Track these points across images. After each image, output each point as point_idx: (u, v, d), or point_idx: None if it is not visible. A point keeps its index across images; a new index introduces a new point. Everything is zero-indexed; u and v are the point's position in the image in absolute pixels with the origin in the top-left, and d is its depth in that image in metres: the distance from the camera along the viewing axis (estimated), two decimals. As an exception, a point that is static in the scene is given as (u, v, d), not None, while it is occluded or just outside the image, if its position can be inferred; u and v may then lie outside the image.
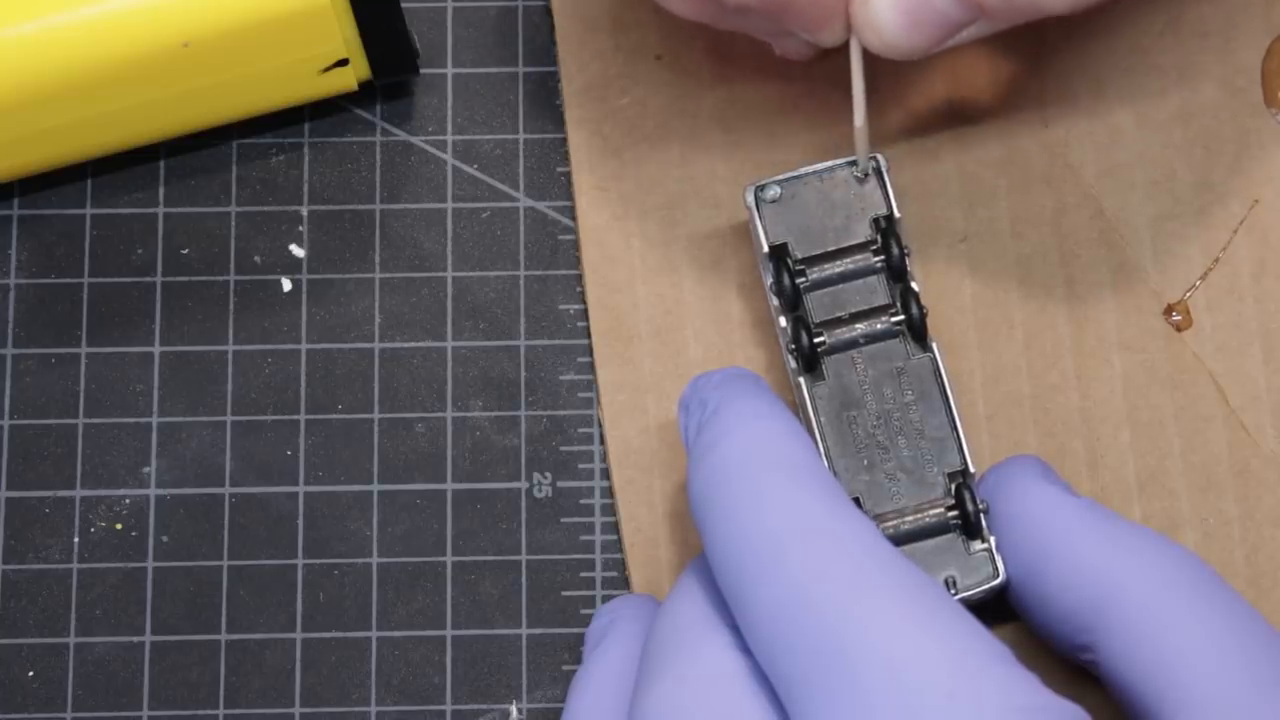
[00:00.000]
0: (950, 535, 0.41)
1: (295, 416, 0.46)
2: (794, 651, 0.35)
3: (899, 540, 0.41)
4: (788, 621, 0.35)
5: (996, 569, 0.41)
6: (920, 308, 0.42)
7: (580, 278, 0.47)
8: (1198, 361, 0.45)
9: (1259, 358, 0.45)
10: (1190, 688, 0.37)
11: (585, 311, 0.46)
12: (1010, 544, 0.41)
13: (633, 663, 0.40)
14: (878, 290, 0.43)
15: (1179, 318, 0.45)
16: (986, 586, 0.41)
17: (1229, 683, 0.37)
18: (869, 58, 0.42)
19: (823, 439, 0.42)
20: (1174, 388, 0.45)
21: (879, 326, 0.43)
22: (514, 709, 0.44)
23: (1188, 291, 0.46)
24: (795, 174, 0.43)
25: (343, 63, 0.45)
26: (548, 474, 0.46)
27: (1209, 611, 0.38)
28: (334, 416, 0.46)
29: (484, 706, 0.44)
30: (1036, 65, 0.47)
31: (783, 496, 0.37)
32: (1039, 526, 0.41)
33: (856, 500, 0.41)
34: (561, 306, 0.47)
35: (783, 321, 0.43)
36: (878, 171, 0.43)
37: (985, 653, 0.34)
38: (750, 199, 0.43)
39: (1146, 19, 0.47)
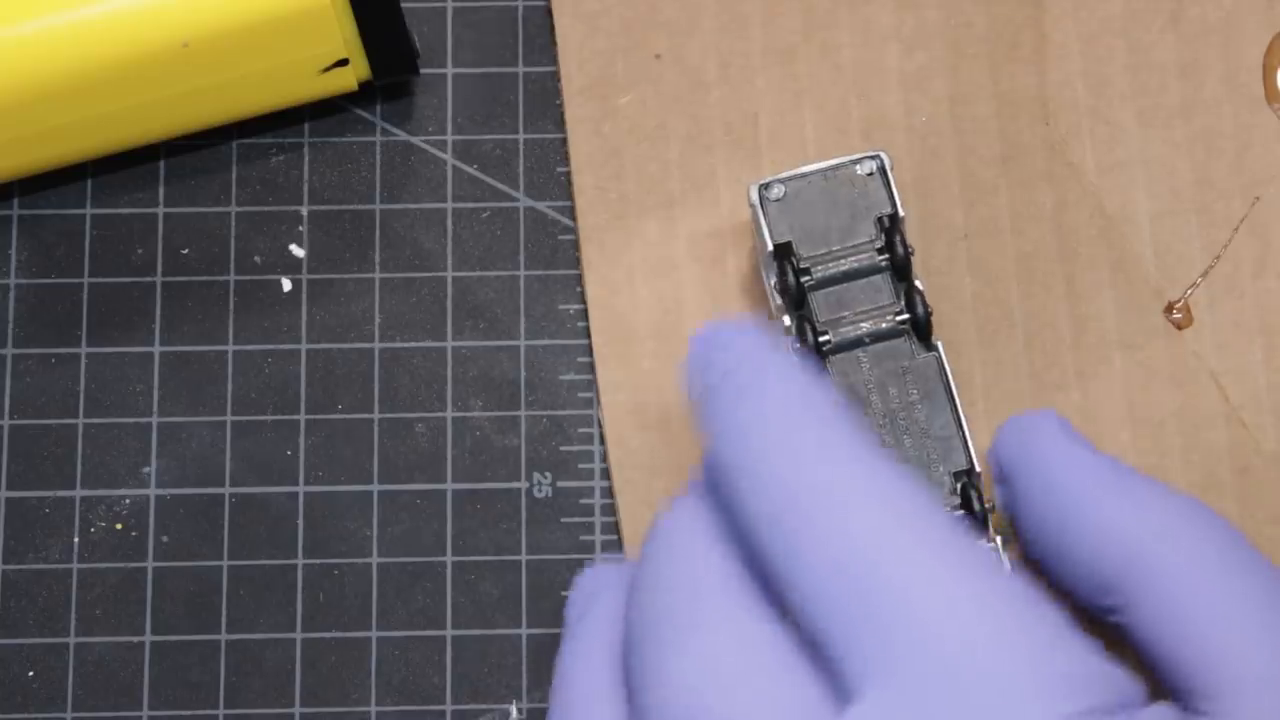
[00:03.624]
0: None
1: (295, 416, 0.46)
2: (845, 613, 0.34)
3: None
4: (840, 582, 0.34)
5: (1003, 567, 0.41)
6: (925, 307, 0.42)
7: (580, 278, 0.47)
8: (1198, 360, 0.45)
9: (1259, 356, 0.45)
10: (1224, 660, 0.37)
11: (585, 311, 0.46)
12: (1030, 501, 0.40)
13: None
14: (882, 289, 0.43)
15: (1180, 315, 0.46)
16: (991, 584, 0.41)
17: (1264, 654, 0.36)
18: (867, 54, 0.42)
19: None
20: (1174, 386, 0.45)
21: (883, 325, 0.43)
22: (514, 709, 0.44)
23: (1189, 289, 0.46)
24: (799, 172, 0.43)
25: (343, 63, 0.45)
26: (548, 474, 0.46)
27: (1242, 579, 0.37)
28: (334, 416, 0.46)
29: (484, 706, 0.44)
30: (1037, 62, 0.47)
31: (830, 450, 0.36)
32: (1062, 484, 0.40)
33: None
34: (561, 306, 0.47)
35: (787, 320, 0.43)
36: (882, 170, 0.43)
37: (1048, 623, 0.34)
38: (754, 197, 0.43)
39: (1148, 15, 0.47)
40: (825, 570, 0.34)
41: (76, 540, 0.45)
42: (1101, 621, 0.40)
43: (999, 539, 0.41)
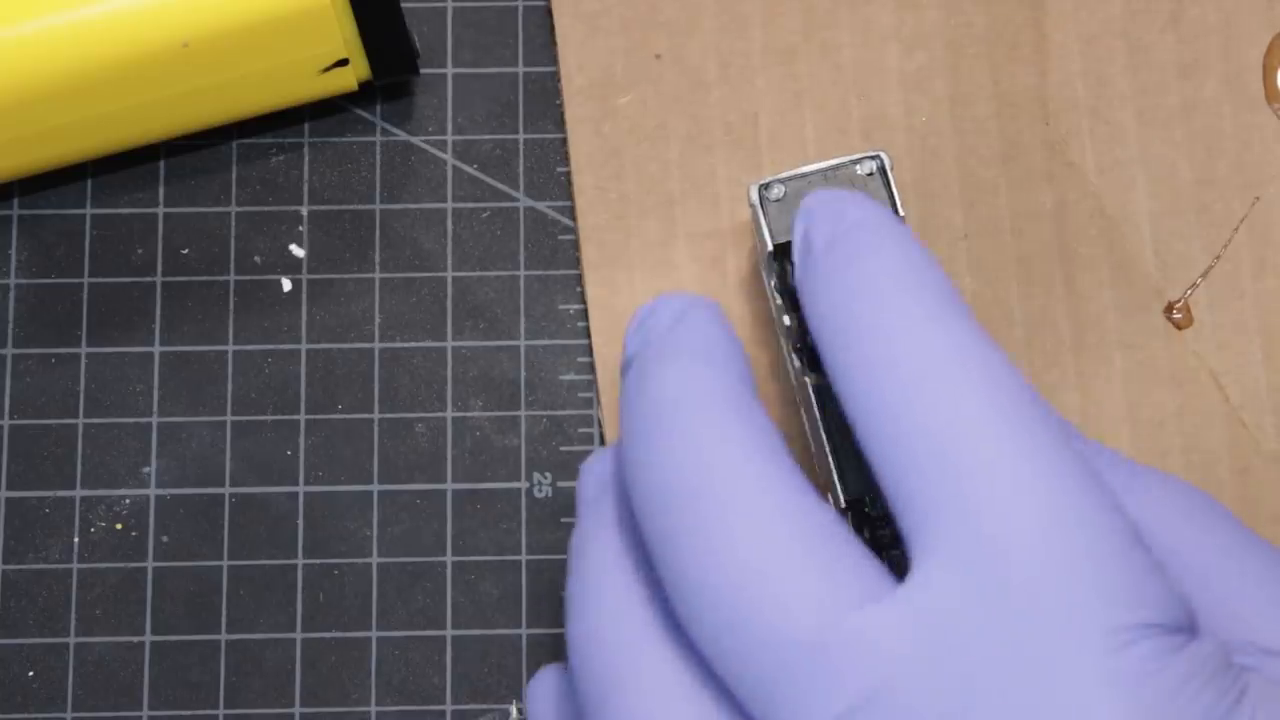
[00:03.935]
0: None
1: (295, 416, 0.46)
2: (937, 486, 0.34)
3: None
4: (934, 457, 0.34)
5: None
6: (924, 306, 0.42)
7: (580, 278, 0.47)
8: (1198, 359, 0.45)
9: (1259, 356, 0.45)
10: (1244, 628, 0.36)
11: (585, 311, 0.46)
12: None
13: None
14: None
15: (1179, 315, 0.46)
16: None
17: (1276, 620, 0.36)
18: (867, 54, 0.42)
19: (829, 437, 0.42)
20: (1174, 386, 0.45)
21: (883, 324, 0.42)
22: (514, 709, 0.44)
23: (1188, 289, 0.46)
24: (799, 172, 0.43)
25: (343, 63, 0.45)
26: (548, 474, 0.46)
27: (1240, 549, 0.37)
28: (334, 416, 0.46)
29: (484, 706, 0.44)
30: (1037, 62, 0.47)
31: (935, 323, 0.35)
32: None
33: (860, 499, 0.41)
34: (561, 306, 0.47)
35: (787, 320, 0.43)
36: (882, 170, 0.43)
37: (1123, 530, 0.33)
38: (754, 197, 0.43)
39: (1148, 16, 0.47)
40: (906, 440, 0.34)
41: (76, 540, 0.45)
42: None
43: None
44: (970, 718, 0.32)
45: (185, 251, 0.47)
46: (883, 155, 0.43)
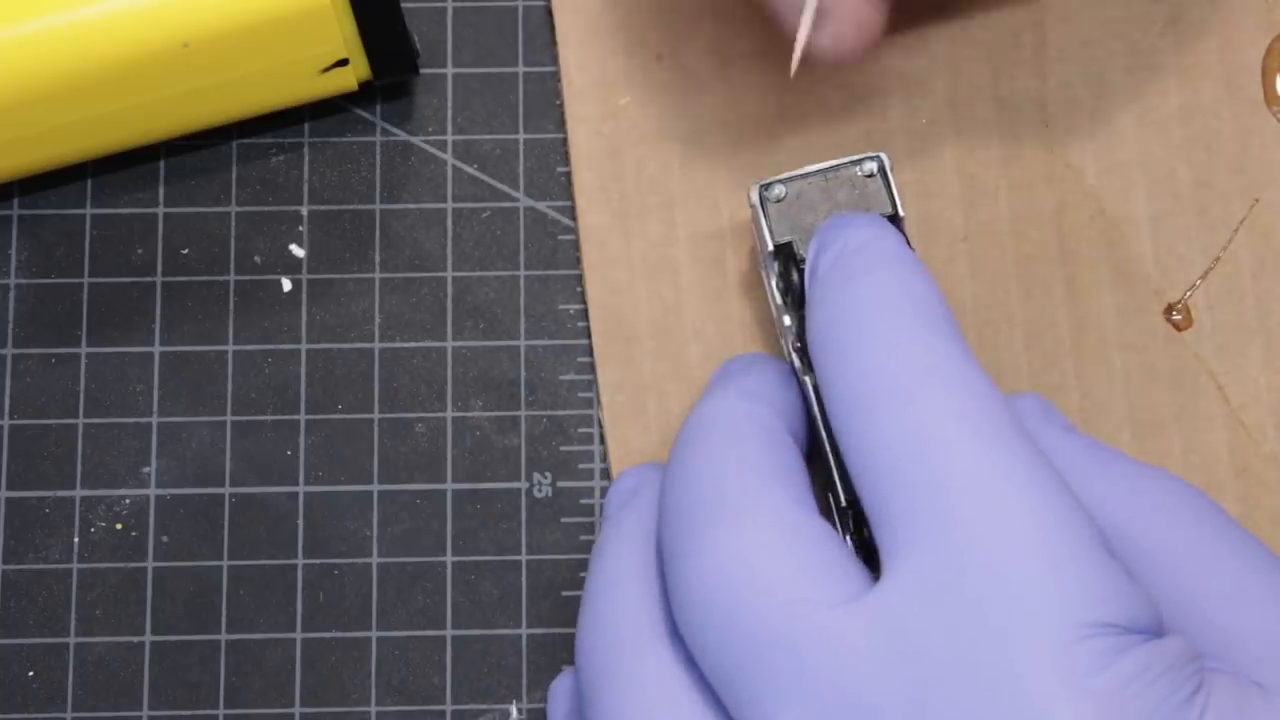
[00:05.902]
0: None
1: (295, 416, 0.46)
2: (907, 492, 0.35)
3: None
4: (905, 464, 0.35)
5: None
6: (924, 307, 0.42)
7: (580, 278, 0.47)
8: (1198, 361, 0.45)
9: (1259, 357, 0.45)
10: (1219, 619, 0.37)
11: (585, 311, 0.46)
12: None
13: None
14: None
15: (1179, 317, 0.46)
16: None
17: (1250, 616, 0.37)
18: (867, 55, 0.42)
19: (829, 437, 0.42)
20: (1174, 387, 0.45)
21: (883, 324, 0.43)
22: (514, 709, 0.44)
23: (1188, 291, 0.46)
24: (800, 172, 0.43)
25: (343, 63, 0.45)
26: (548, 474, 0.46)
27: (1221, 543, 0.38)
28: (334, 416, 0.46)
29: (484, 706, 0.44)
30: (1037, 64, 0.47)
31: (916, 339, 0.37)
32: None
33: (859, 499, 0.41)
34: (561, 306, 0.47)
35: (787, 320, 0.43)
36: (882, 171, 0.43)
37: (1086, 534, 0.34)
38: (755, 197, 0.43)
39: (1147, 18, 0.47)
40: (881, 448, 0.36)
41: (76, 540, 0.45)
42: None
43: None
44: (928, 715, 0.33)
45: (185, 251, 0.47)
46: (883, 156, 0.43)
